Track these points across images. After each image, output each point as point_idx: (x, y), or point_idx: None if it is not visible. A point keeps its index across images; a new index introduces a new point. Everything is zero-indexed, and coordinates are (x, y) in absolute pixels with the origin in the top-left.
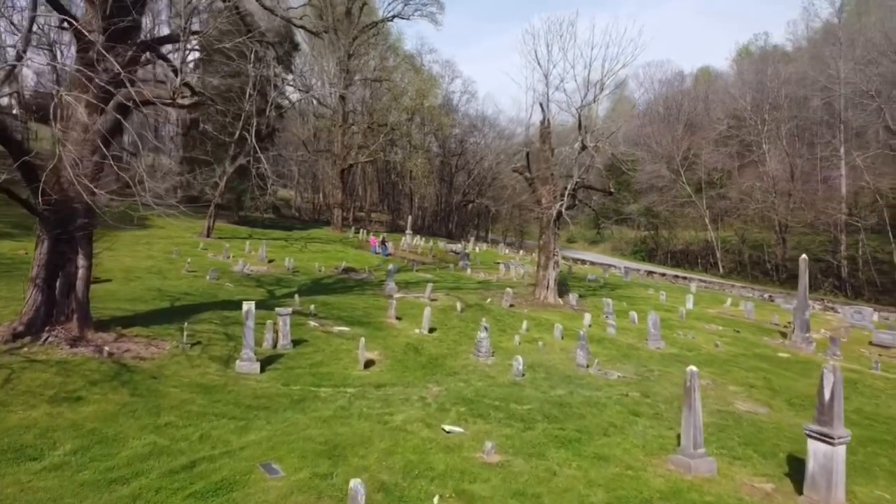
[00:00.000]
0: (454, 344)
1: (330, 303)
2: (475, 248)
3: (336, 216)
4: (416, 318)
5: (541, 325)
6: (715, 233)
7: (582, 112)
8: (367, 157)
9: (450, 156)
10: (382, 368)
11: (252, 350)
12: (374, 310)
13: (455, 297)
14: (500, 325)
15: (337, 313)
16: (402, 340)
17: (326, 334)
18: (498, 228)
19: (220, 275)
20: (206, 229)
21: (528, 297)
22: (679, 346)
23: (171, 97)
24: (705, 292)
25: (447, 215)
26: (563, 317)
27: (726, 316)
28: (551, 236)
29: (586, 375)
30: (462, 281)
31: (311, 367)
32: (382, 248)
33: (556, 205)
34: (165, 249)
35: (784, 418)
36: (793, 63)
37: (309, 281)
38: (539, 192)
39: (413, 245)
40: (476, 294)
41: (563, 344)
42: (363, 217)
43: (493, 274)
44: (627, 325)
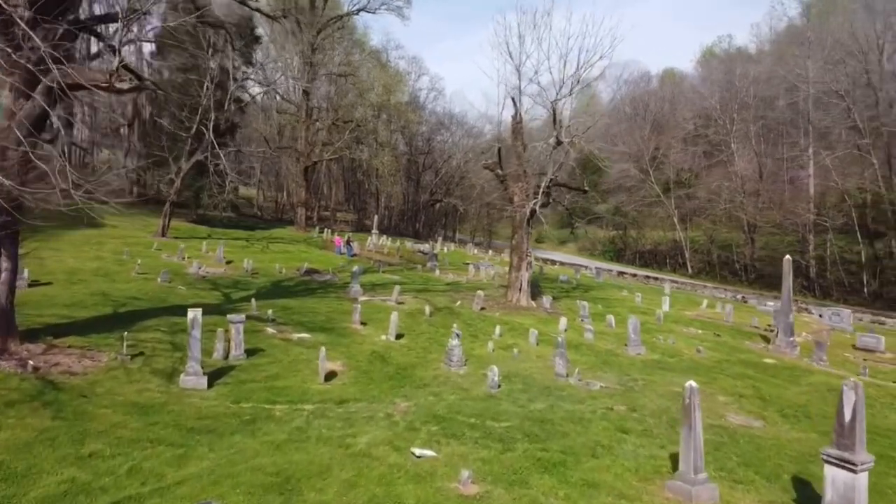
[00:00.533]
0: (423, 352)
1: (290, 307)
2: (443, 248)
3: (300, 215)
4: (383, 324)
5: (515, 330)
6: (683, 233)
7: (557, 106)
8: (332, 155)
9: (417, 154)
10: (345, 381)
11: (198, 363)
12: (337, 314)
13: (423, 300)
14: (471, 331)
15: (297, 318)
16: (367, 348)
17: (285, 342)
18: (466, 228)
19: (173, 277)
20: (160, 229)
21: (499, 299)
22: (660, 352)
23: (108, 81)
24: (679, 293)
25: (414, 215)
26: (537, 321)
27: (704, 318)
28: (524, 236)
29: (566, 386)
30: (430, 282)
31: (265, 381)
32: (347, 248)
33: (530, 203)
34: (116, 250)
35: (781, 433)
36: (757, 65)
37: (269, 283)
38: (511, 190)
39: (379, 245)
40: (445, 296)
41: (539, 351)
42: (328, 216)
43: (462, 275)
44: (605, 329)
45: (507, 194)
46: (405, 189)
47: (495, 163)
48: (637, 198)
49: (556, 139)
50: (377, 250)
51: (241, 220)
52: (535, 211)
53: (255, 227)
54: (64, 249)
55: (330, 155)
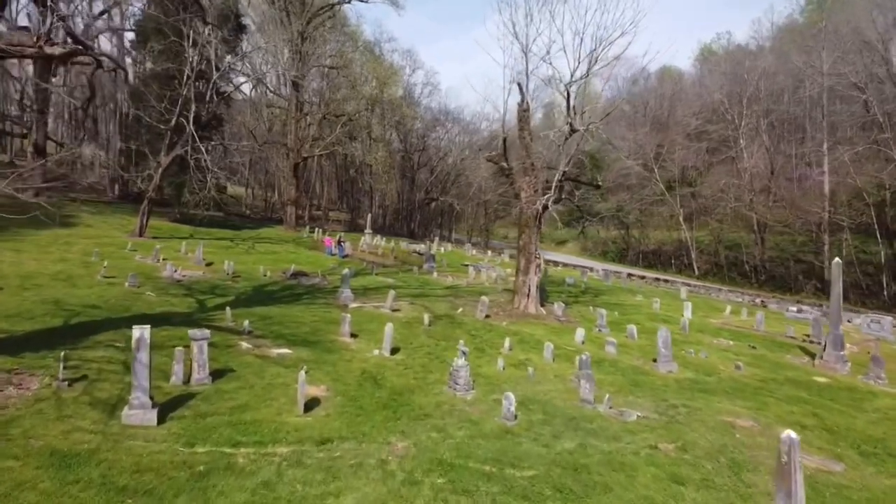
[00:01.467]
0: (423, 370)
1: (271, 316)
2: (440, 248)
3: (289, 214)
4: (376, 335)
5: (526, 343)
6: (689, 232)
7: (571, 90)
8: (323, 150)
9: (412, 151)
10: (330, 410)
11: (146, 392)
12: (324, 325)
13: (421, 307)
14: (477, 343)
15: (278, 330)
16: (357, 366)
17: (261, 360)
18: (462, 228)
19: (143, 281)
20: (138, 228)
21: (505, 306)
22: (694, 369)
23: (35, 45)
24: (696, 297)
25: (409, 214)
26: (549, 331)
27: (732, 327)
28: (532, 236)
29: (596, 416)
30: (428, 286)
31: (231, 413)
32: (339, 248)
33: (542, 198)
34: (86, 251)
35: (868, 479)
36: (764, 58)
37: (250, 288)
38: (517, 185)
39: (373, 245)
40: (445, 302)
41: (556, 368)
42: (320, 216)
43: (461, 278)
44: (626, 341)
45: (514, 189)
46: (400, 187)
47: (500, 155)
48: (640, 196)
49: (569, 127)
50: (370, 251)
51: (227, 219)
52: (548, 207)
53: (243, 226)
54: (26, 251)
55: (321, 150)
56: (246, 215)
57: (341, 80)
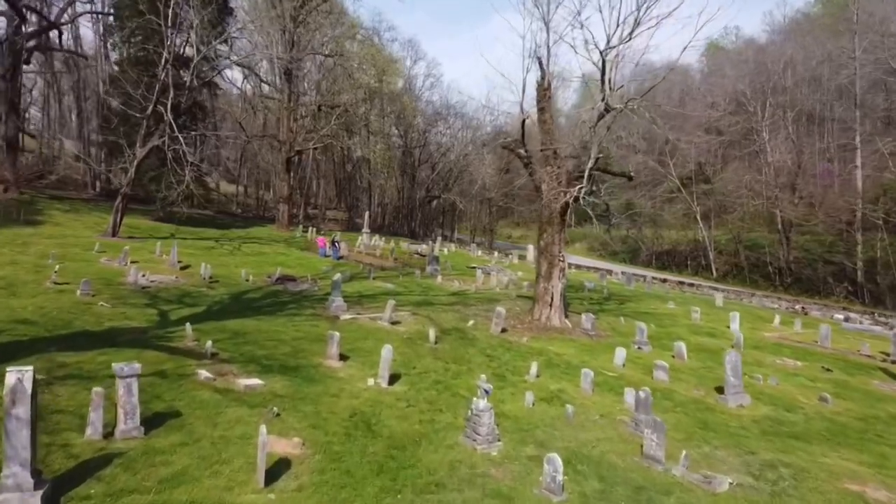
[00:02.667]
0: (430, 408)
1: (245, 332)
2: (443, 249)
3: (281, 213)
4: (371, 357)
5: (555, 366)
6: (707, 231)
7: (608, 57)
8: (317, 143)
9: (412, 147)
10: (303, 480)
11: (28, 465)
12: (308, 343)
13: (425, 318)
14: (496, 367)
15: (251, 352)
16: (345, 404)
17: (221, 396)
18: (465, 227)
19: (101, 288)
20: (111, 227)
21: (523, 317)
22: (769, 401)
23: None
24: (734, 305)
25: (410, 213)
26: (580, 349)
27: (792, 343)
28: (556, 235)
29: (672, 483)
30: (432, 292)
31: (159, 490)
32: (333, 249)
33: (572, 190)
34: (45, 253)
35: None
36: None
37: (227, 296)
38: (538, 177)
39: (371, 246)
40: (452, 312)
41: (599, 403)
42: (316, 215)
43: (469, 282)
44: (673, 361)
45: (533, 181)
46: (400, 184)
47: (517, 141)
48: (653, 193)
49: (604, 105)
50: (368, 252)
51: (215, 218)
52: (579, 199)
53: (232, 225)
54: None
55: (314, 143)
56: (236, 214)
57: (338, 70)
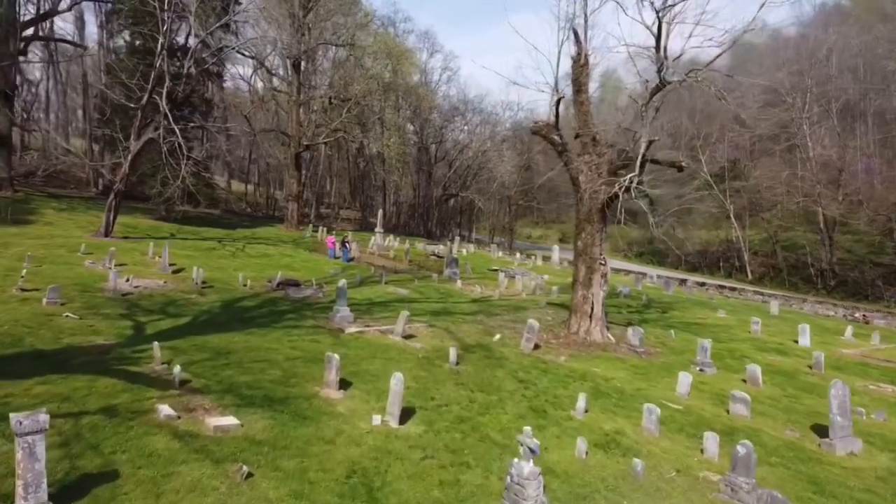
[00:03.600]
0: (454, 462)
1: (231, 350)
2: (461, 249)
3: (290, 211)
4: (378, 384)
5: (605, 395)
6: (741, 231)
7: (665, 18)
8: (327, 137)
9: (428, 143)
10: None
11: None
12: (304, 365)
13: (444, 332)
14: (531, 396)
15: (231, 378)
16: (340, 457)
17: (181, 445)
18: (483, 227)
19: (76, 295)
20: (103, 227)
21: (558, 330)
22: (883, 444)
23: None
24: (791, 313)
25: (426, 212)
26: (630, 371)
27: (878, 362)
28: (596, 235)
29: None
30: (451, 299)
31: None
32: (343, 250)
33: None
34: (23, 255)
35: None
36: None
37: (218, 304)
38: (575, 166)
39: (384, 247)
40: (475, 324)
41: (672, 451)
42: (328, 214)
43: (491, 287)
44: (744, 385)
45: (569, 172)
46: (416, 182)
47: (549, 125)
48: (680, 190)
49: (660, 78)
50: (381, 253)
51: (221, 217)
52: (630, 189)
53: (238, 225)
54: None
55: (324, 138)
56: (245, 213)
57: (350, 62)
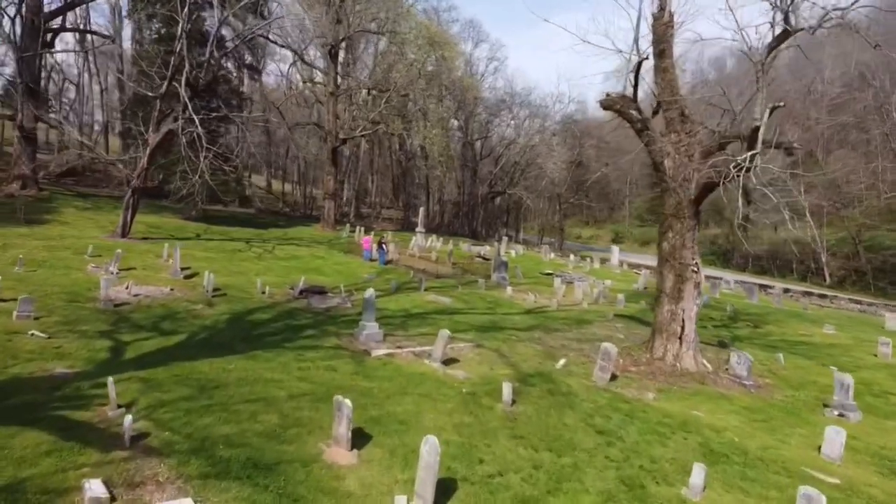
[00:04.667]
0: None
1: (219, 384)
2: (509, 251)
3: (326, 210)
4: (406, 439)
5: (720, 458)
6: (818, 230)
7: None
8: (364, 131)
9: (474, 139)
10: None
11: None
12: (310, 407)
13: (494, 354)
14: (619, 459)
15: (208, 428)
16: None
17: None
18: (531, 226)
19: (60, 306)
20: (120, 227)
21: (637, 354)
22: None
23: None
24: None
25: (471, 210)
26: (745, 417)
27: None
28: (686, 234)
29: None
30: (500, 309)
31: None
32: (380, 252)
33: (744, 158)
34: (24, 257)
35: None
36: None
37: (225, 317)
38: (658, 148)
39: (426, 248)
40: (532, 343)
41: None
42: (369, 213)
43: (546, 294)
44: None
45: (651, 155)
46: (460, 180)
47: (626, 97)
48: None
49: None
50: (422, 255)
51: (256, 216)
52: (749, 169)
53: (272, 224)
54: None
55: (361, 131)
56: (282, 212)
57: (391, 51)
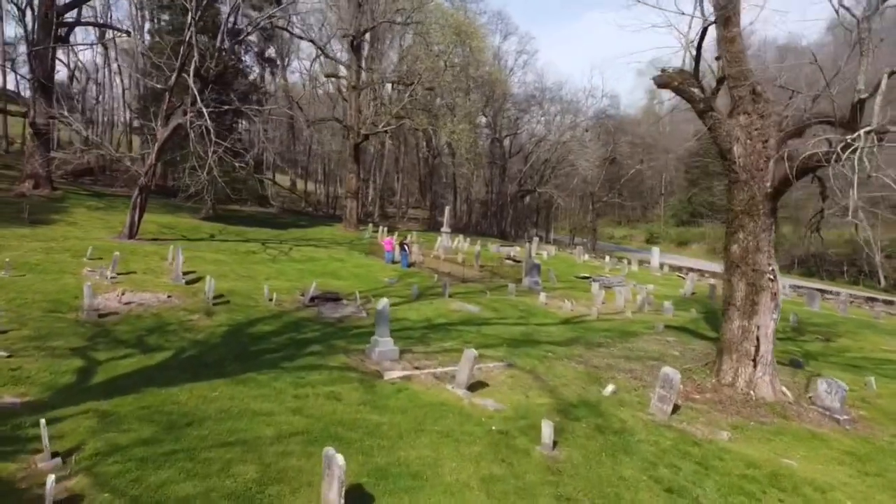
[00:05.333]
0: None
1: (195, 419)
2: (541, 252)
3: (349, 210)
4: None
5: None
6: (872, 230)
7: None
8: (387, 126)
9: (502, 136)
10: None
11: None
12: (301, 452)
13: (529, 377)
14: None
15: (160, 490)
16: None
17: None
18: (562, 226)
19: (38, 317)
20: (127, 228)
21: (700, 377)
22: None
23: None
24: None
25: (500, 210)
26: (853, 467)
27: None
28: (761, 234)
29: None
30: (534, 319)
31: None
32: (402, 254)
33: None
34: (13, 259)
35: None
36: None
37: (222, 330)
38: (724, 132)
39: (452, 249)
40: (573, 362)
41: None
42: (395, 213)
43: (583, 301)
44: None
45: (717, 140)
46: (488, 178)
47: (684, 73)
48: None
49: None
50: (447, 257)
51: (277, 216)
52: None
53: (294, 224)
54: None
55: (384, 125)
56: (305, 212)
57: (416, 43)
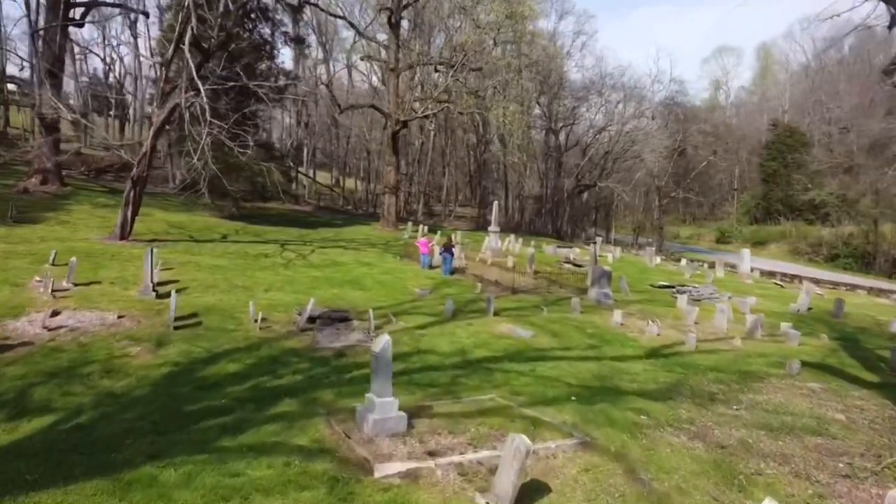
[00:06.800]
0: None
1: None
2: (604, 254)
3: (387, 207)
4: None
5: None
6: None
7: None
8: (429, 110)
9: (558, 127)
10: None
11: None
12: None
13: (613, 465)
14: None
15: None
16: None
17: None
18: (623, 224)
19: None
20: (118, 227)
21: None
22: None
23: None
24: None
25: (555, 207)
26: None
27: None
28: None
29: None
30: (609, 349)
31: None
32: (445, 258)
33: None
34: None
35: None
36: None
37: (163, 372)
38: None
39: (501, 251)
40: (684, 438)
41: None
42: (441, 211)
43: (667, 319)
44: None
45: None
46: (542, 172)
47: None
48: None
49: None
50: (495, 260)
51: (309, 215)
52: None
53: (328, 223)
54: None
55: (423, 110)
56: (343, 209)
57: (463, 21)
